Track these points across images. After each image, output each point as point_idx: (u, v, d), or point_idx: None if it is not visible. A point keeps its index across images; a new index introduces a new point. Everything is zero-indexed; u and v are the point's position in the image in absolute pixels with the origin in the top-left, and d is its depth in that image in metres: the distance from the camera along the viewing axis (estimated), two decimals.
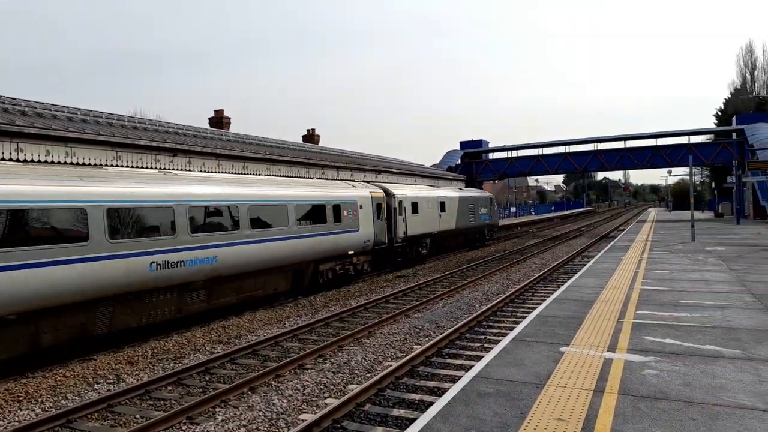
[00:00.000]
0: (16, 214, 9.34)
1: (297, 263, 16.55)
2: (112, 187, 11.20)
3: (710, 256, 19.21)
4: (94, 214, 10.50)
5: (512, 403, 5.96)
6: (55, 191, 10.04)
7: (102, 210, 10.67)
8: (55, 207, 9.94)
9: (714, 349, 7.74)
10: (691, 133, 47.94)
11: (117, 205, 11.02)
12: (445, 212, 27.91)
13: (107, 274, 10.64)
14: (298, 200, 16.74)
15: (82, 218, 10.33)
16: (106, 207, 10.76)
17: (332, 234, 18.16)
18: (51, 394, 8.77)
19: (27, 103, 15.75)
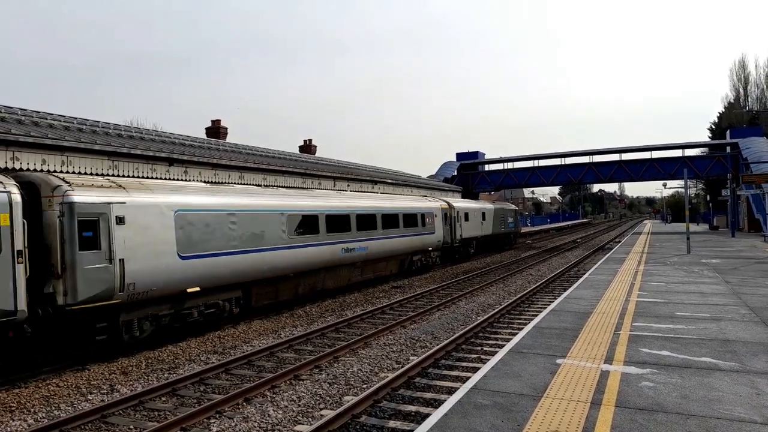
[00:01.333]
0: (295, 217, 16.79)
1: (402, 254, 23.93)
2: (326, 201, 19.06)
3: (706, 269, 19.27)
4: (321, 218, 17.94)
5: (509, 416, 5.94)
6: (308, 204, 17.81)
7: (324, 215, 18.13)
8: (309, 214, 17.52)
9: (710, 362, 7.74)
10: (685, 146, 48.28)
11: (329, 212, 18.53)
12: (485, 221, 34.76)
13: (326, 253, 18.00)
14: (404, 210, 23.91)
15: (316, 220, 17.69)
16: (326, 214, 18.29)
17: (421, 235, 25.09)
18: (44, 405, 8.68)
19: (23, 111, 15.75)
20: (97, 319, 10.77)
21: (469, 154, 56.47)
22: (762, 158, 40.47)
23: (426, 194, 37.03)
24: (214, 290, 13.57)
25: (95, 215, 10.76)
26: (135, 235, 11.44)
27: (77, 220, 10.41)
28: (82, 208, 10.53)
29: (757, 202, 40.90)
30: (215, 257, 13.35)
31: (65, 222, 10.29)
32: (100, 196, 11.04)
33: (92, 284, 10.46)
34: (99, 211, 10.84)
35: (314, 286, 18.05)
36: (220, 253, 13.49)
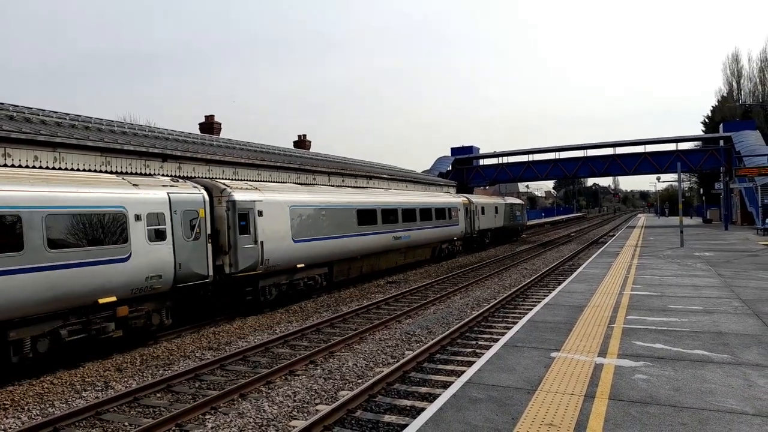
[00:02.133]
0: (362, 211, 20.95)
1: (435, 242, 28.11)
2: (380, 197, 23.49)
3: (699, 262, 19.39)
4: (378, 212, 22.28)
5: (504, 409, 5.96)
6: (369, 200, 22.17)
7: (380, 209, 22.50)
8: (370, 208, 21.69)
9: (703, 354, 7.79)
10: (679, 140, 48.44)
11: (383, 207, 22.91)
12: (498, 214, 39.09)
13: (382, 239, 22.39)
14: (435, 205, 28.07)
15: (375, 214, 21.90)
16: (381, 208, 22.57)
17: (449, 226, 29.34)
18: (38, 402, 8.65)
19: (15, 107, 15.62)
20: (246, 285, 14.99)
21: (463, 148, 56.50)
22: (755, 151, 40.69)
23: (421, 189, 37.24)
24: (312, 267, 17.87)
25: (246, 209, 14.88)
26: (268, 224, 15.59)
27: (237, 212, 14.53)
28: (239, 204, 14.65)
29: (750, 195, 41.13)
30: (314, 241, 17.65)
31: (230, 214, 14.42)
32: (248, 196, 15.11)
33: (246, 259, 14.69)
34: (249, 207, 14.97)
35: (373, 266, 22.58)
36: (317, 239, 17.77)
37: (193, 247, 12.98)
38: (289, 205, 16.70)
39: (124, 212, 11.43)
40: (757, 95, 64.67)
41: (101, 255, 10.81)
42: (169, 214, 12.57)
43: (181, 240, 12.73)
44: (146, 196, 12.20)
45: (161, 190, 12.69)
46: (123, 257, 11.25)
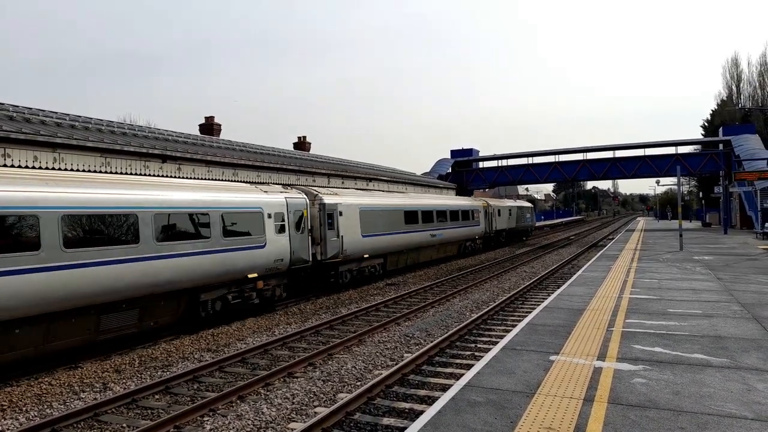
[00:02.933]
0: (408, 212, 24.88)
1: (461, 240, 32.34)
2: (420, 200, 27.41)
3: (698, 266, 19.39)
4: (419, 213, 25.95)
5: (502, 413, 5.95)
6: (411, 203, 25.92)
7: (420, 211, 26.10)
8: (412, 210, 25.39)
9: (702, 358, 7.79)
10: (678, 143, 48.49)
11: (422, 209, 26.59)
12: (511, 216, 43.69)
13: (423, 236, 26.21)
14: (462, 208, 32.52)
15: (416, 214, 25.73)
16: (420, 210, 26.29)
17: (472, 226, 33.78)
18: (36, 403, 8.63)
19: (15, 108, 15.62)
20: (330, 269, 19.39)
21: (463, 151, 56.51)
22: (754, 155, 40.72)
23: (420, 191, 37.41)
24: (373, 257, 22.19)
25: (332, 210, 19.15)
26: (346, 221, 19.85)
27: (326, 212, 18.78)
28: (328, 206, 18.96)
29: (750, 199, 41.16)
30: (376, 236, 22.00)
31: (321, 214, 18.66)
32: (333, 199, 19.50)
33: (332, 249, 19.00)
34: (333, 208, 19.25)
35: (414, 259, 26.70)
36: (377, 234, 22.05)
37: (300, 239, 17.15)
38: (359, 207, 21.09)
39: (261, 212, 15.39)
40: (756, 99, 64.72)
41: (251, 243, 14.83)
42: (287, 214, 16.47)
43: (294, 233, 16.72)
44: (273, 200, 16.15)
45: (281, 195, 16.69)
46: (262, 245, 15.25)
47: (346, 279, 20.06)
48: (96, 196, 10.85)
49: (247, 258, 14.59)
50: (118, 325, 11.37)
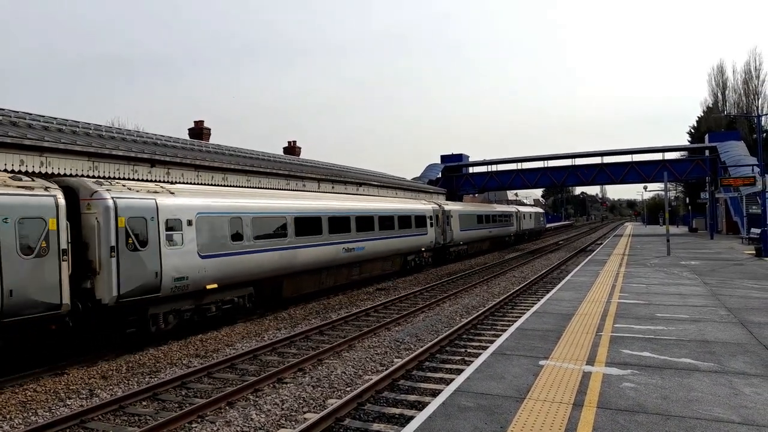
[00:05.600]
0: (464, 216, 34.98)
1: (501, 236, 43.77)
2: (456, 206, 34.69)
3: (685, 270, 19.57)
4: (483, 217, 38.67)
5: (492, 418, 5.96)
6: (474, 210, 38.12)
7: (458, 215, 33.55)
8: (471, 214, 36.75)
9: (690, 363, 7.85)
10: (665, 149, 49.03)
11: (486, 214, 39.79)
12: (531, 219, 56.28)
13: (483, 233, 38.54)
14: (504, 213, 45.40)
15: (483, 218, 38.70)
16: (459, 214, 33.54)
17: (507, 226, 45.54)
18: (20, 410, 8.50)
19: (1, 111, 15.44)
20: (448, 249, 31.19)
21: (453, 156, 56.73)
22: (740, 162, 41.24)
23: (411, 196, 37.47)
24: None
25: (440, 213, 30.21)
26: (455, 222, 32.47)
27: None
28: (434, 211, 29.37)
29: (735, 205, 41.67)
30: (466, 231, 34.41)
31: (441, 217, 30.43)
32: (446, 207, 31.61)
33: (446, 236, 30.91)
34: (442, 211, 30.44)
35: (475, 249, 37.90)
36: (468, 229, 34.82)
37: (436, 230, 28.81)
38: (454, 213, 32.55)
39: (426, 215, 27.83)
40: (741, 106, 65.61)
41: (420, 232, 26.94)
42: (434, 216, 28.32)
43: (436, 227, 29.16)
44: (429, 207, 28.61)
45: (429, 205, 28.85)
46: (426, 233, 27.71)
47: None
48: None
49: (420, 240, 27.04)
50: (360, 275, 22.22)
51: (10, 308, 9.48)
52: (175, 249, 12.70)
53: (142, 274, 11.77)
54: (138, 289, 11.68)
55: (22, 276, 9.73)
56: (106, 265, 11.16)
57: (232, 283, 14.42)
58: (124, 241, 11.51)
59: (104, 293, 11.11)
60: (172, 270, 12.48)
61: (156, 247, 12.19)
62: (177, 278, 12.61)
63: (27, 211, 10.01)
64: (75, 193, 11.36)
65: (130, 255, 11.60)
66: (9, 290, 9.48)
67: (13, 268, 9.58)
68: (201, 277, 13.28)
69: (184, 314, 13.29)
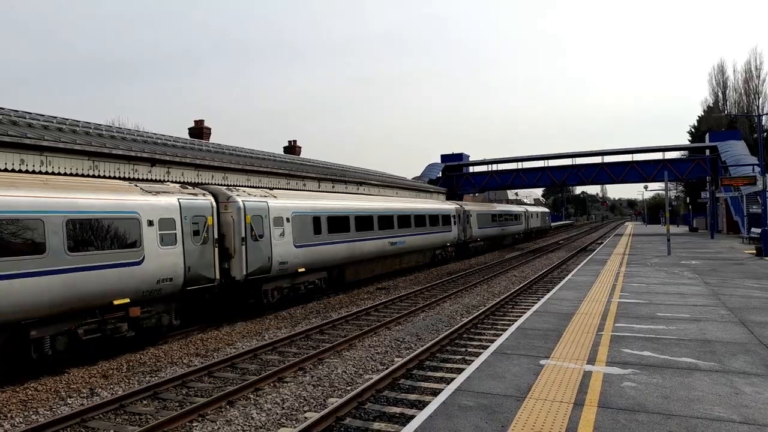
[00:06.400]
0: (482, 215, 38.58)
1: (511, 234, 46.66)
2: (500, 207, 46.97)
3: (686, 270, 19.57)
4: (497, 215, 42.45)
5: (493, 417, 5.96)
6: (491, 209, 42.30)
7: (498, 213, 42.78)
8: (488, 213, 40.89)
9: (690, 362, 7.85)
10: (666, 149, 49.04)
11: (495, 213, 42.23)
12: (538, 218, 59.92)
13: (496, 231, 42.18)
14: (513, 212, 47.65)
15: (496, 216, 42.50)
16: (477, 213, 36.82)
17: (516, 225, 47.92)
18: (21, 409, 8.51)
19: (1, 110, 15.44)
20: (468, 245, 34.35)
21: (453, 155, 56.74)
22: (740, 161, 41.24)
23: (413, 196, 37.54)
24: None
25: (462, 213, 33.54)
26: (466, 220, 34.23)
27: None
28: (457, 211, 32.56)
29: (736, 205, 41.66)
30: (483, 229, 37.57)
31: (462, 216, 33.52)
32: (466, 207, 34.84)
33: (467, 233, 34.07)
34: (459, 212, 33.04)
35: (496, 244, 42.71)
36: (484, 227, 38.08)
37: (459, 228, 32.75)
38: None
39: (451, 215, 30.93)
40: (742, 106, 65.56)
41: (446, 229, 29.94)
42: (457, 215, 32.01)
43: (458, 225, 32.51)
44: (453, 207, 31.97)
45: (453, 205, 32.59)
46: (451, 231, 30.98)
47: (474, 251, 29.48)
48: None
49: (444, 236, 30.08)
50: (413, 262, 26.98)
51: (188, 280, 13.01)
52: (280, 240, 16.33)
53: (260, 259, 15.39)
54: (257, 270, 15.33)
55: (194, 257, 13.21)
56: (239, 251, 14.79)
57: (313, 268, 18.08)
58: (249, 234, 15.09)
59: (237, 272, 14.77)
60: (278, 256, 16.17)
61: (268, 239, 15.82)
62: (281, 262, 16.31)
63: (196, 211, 13.53)
64: (216, 198, 14.62)
65: (253, 244, 15.16)
66: (188, 267, 12.98)
67: (189, 251, 13.08)
68: (295, 262, 17.02)
69: (284, 290, 16.96)
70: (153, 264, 11.97)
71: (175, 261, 12.58)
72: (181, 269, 12.74)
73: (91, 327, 10.89)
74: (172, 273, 12.45)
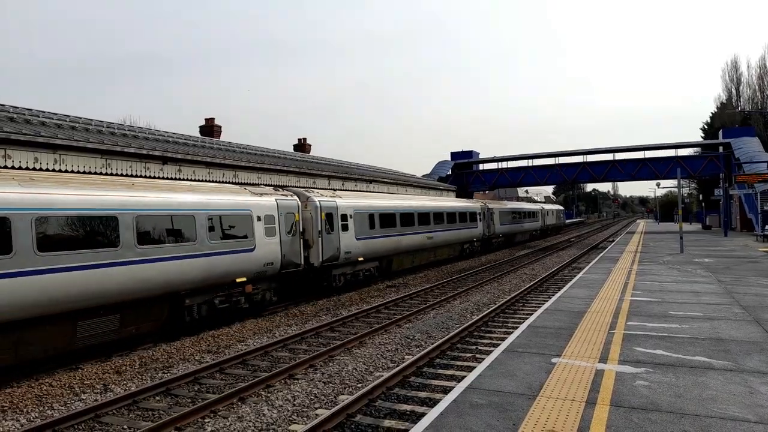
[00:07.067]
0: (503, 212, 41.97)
1: (529, 231, 49.28)
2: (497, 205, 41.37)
3: (699, 268, 19.38)
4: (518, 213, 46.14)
5: (505, 415, 5.94)
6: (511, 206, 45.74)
7: (519, 211, 46.77)
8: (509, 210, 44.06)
9: (704, 361, 7.78)
10: (678, 146, 48.53)
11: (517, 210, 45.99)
12: (553, 216, 61.80)
13: (516, 228, 44.83)
14: (531, 210, 51.05)
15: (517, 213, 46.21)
16: (499, 211, 39.62)
17: (534, 222, 50.79)
18: (37, 404, 8.61)
19: (15, 109, 15.62)
20: (491, 240, 37.44)
21: (463, 153, 56.57)
22: (754, 158, 40.74)
23: (422, 193, 37.51)
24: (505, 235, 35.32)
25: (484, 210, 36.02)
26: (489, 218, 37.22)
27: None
28: (482, 209, 35.59)
29: (750, 202, 41.15)
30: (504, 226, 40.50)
31: (486, 213, 36.24)
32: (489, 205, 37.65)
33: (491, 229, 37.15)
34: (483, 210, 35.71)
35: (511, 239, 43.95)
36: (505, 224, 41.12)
37: (483, 225, 35.19)
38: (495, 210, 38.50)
39: (477, 212, 34.07)
40: (756, 102, 64.76)
41: (473, 225, 32.89)
42: (482, 212, 33.97)
43: (483, 222, 35.07)
44: (478, 205, 34.93)
45: (478, 203, 35.16)
46: (477, 227, 34.05)
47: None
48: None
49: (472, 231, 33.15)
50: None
51: (283, 264, 16.05)
52: (345, 233, 19.37)
53: (331, 248, 18.45)
54: (330, 258, 18.38)
55: (287, 247, 16.21)
56: (316, 242, 17.85)
57: (369, 257, 21.22)
58: (324, 228, 18.11)
59: (315, 259, 17.84)
60: (344, 247, 19.19)
61: (337, 232, 18.84)
62: (346, 252, 19.32)
63: (288, 209, 16.49)
64: (299, 198, 17.57)
65: (326, 236, 18.22)
66: (283, 254, 15.96)
67: (284, 242, 16.11)
68: (356, 252, 20.03)
69: (347, 276, 19.96)
70: (261, 251, 15.02)
71: (275, 249, 15.65)
72: (279, 256, 15.81)
73: (222, 298, 14.02)
74: (273, 258, 15.57)
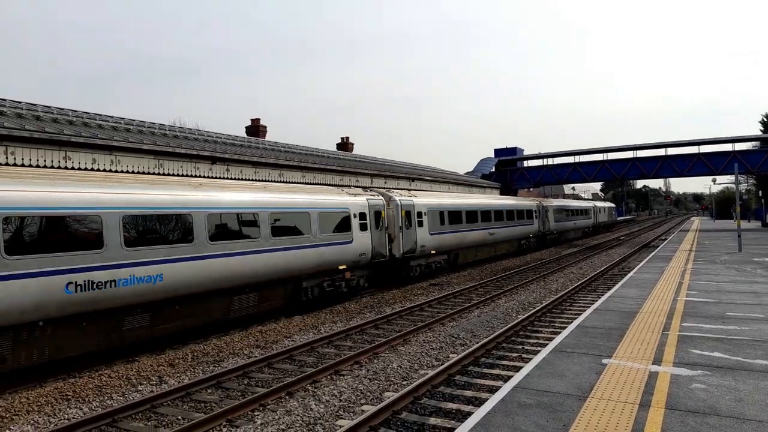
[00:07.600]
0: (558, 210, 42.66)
1: (582, 228, 49.53)
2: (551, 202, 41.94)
3: (759, 267, 18.48)
4: (571, 211, 46.51)
5: (554, 415, 5.84)
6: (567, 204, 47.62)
7: (574, 209, 47.92)
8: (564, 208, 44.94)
9: (766, 365, 7.42)
10: (735, 140, 46.30)
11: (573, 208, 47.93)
12: (605, 213, 61.53)
13: (569, 225, 45.14)
14: (581, 207, 50.38)
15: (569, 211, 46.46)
16: (553, 208, 40.57)
17: (586, 219, 50.79)
18: (97, 394, 9.03)
19: (74, 113, 16.38)
20: (546, 236, 38.28)
21: (507, 150, 55.75)
22: None
23: (464, 191, 37.26)
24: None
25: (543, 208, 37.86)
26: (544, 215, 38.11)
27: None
28: (537, 207, 36.80)
29: None
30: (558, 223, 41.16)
31: (542, 210, 37.40)
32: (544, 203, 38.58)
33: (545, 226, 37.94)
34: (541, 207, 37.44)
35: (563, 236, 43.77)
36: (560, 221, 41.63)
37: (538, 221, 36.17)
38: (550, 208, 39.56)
39: (532, 210, 35.27)
40: None
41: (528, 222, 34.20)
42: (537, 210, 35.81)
43: (538, 219, 36.19)
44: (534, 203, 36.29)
45: (534, 201, 36.64)
46: (533, 224, 35.29)
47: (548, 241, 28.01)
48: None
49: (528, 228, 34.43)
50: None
51: (374, 255, 18.37)
52: (421, 228, 21.35)
53: (410, 242, 20.56)
54: (409, 250, 20.51)
55: (376, 240, 18.47)
56: (398, 236, 19.94)
57: (440, 251, 23.17)
58: (404, 223, 20.23)
59: (397, 251, 19.95)
60: (420, 240, 21.21)
61: (414, 228, 20.89)
62: (421, 245, 21.31)
63: (376, 207, 18.79)
64: (383, 197, 19.77)
65: (406, 231, 20.38)
66: (372, 246, 18.21)
67: (374, 236, 18.34)
68: (430, 246, 22.02)
69: (422, 267, 22.09)
70: (356, 243, 17.35)
71: (367, 242, 17.96)
72: (370, 248, 18.12)
73: (329, 282, 16.45)
74: (365, 250, 17.83)
